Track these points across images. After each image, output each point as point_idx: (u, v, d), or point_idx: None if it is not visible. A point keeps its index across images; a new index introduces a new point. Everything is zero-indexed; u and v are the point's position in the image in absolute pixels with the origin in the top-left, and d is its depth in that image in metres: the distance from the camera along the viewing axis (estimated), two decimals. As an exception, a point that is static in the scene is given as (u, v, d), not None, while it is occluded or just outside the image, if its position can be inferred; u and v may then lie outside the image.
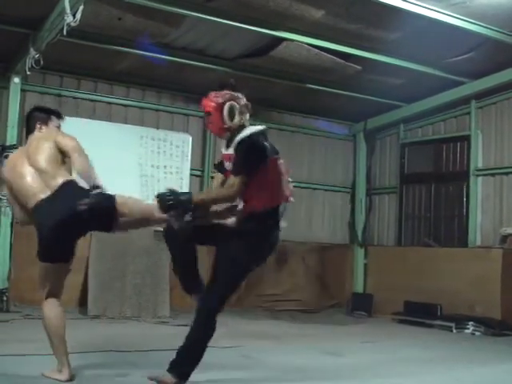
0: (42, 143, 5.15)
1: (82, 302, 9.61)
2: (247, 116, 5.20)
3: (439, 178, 12.02)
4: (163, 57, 9.55)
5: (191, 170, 11.28)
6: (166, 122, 11.30)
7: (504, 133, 10.85)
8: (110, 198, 4.86)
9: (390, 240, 12.62)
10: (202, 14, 8.27)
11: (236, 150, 4.95)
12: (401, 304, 10.44)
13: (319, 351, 6.97)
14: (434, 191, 12.09)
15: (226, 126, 5.04)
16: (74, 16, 6.77)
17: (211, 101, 5.11)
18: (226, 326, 8.93)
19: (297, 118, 12.89)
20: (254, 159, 4.90)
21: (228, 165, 5.05)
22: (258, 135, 5.06)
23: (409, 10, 8.06)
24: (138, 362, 5.64)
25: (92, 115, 10.43)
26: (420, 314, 10.18)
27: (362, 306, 11.47)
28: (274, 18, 8.56)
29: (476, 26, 8.59)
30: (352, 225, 13.13)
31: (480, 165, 11.15)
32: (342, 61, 9.88)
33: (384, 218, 12.82)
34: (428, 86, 10.99)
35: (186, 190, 10.94)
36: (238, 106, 5.15)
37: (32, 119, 5.47)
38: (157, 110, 11.21)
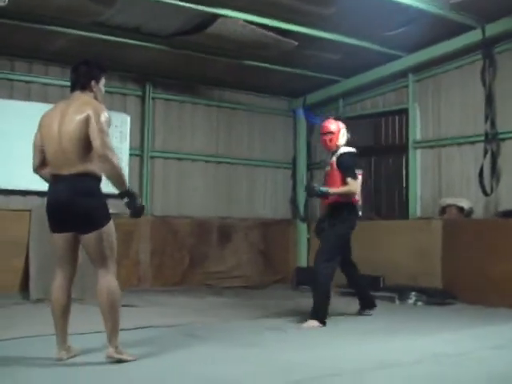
0: (76, 114, 4.96)
1: (24, 287, 9.49)
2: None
3: (379, 151, 12.14)
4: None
5: (130, 150, 11.18)
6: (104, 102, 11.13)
7: (441, 105, 10.97)
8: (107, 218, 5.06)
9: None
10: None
11: (341, 160, 7.67)
12: (344, 276, 10.51)
13: (264, 327, 6.98)
14: (373, 165, 12.21)
15: (337, 144, 7.79)
16: (3, -4, 6.62)
17: (334, 125, 7.87)
18: (169, 305, 8.97)
19: (236, 94, 12.85)
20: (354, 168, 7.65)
21: (329, 167, 7.85)
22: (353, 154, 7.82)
23: (344, -15, 8.08)
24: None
25: (27, 97, 10.24)
26: (363, 286, 10.29)
27: (306, 281, 11.52)
28: (209, -5, 8.50)
29: (412, 0, 8.65)
30: (294, 200, 13.19)
31: (418, 137, 11.28)
32: (279, 36, 9.84)
33: (326, 192, 12.88)
34: (366, 60, 11.06)
35: (125, 170, 10.89)
36: (345, 133, 7.90)
37: (85, 74, 5.23)
38: (94, 90, 11.03)
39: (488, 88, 10.05)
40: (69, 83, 5.39)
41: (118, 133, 10.93)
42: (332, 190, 7.54)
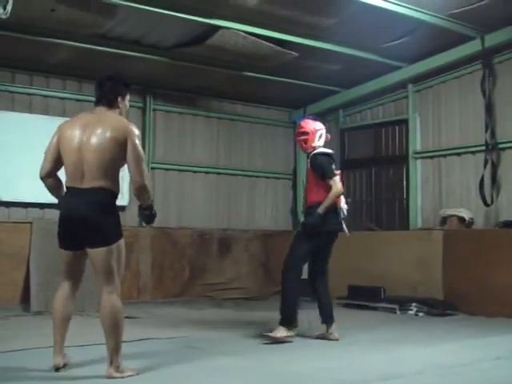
0: (109, 131, 4.95)
1: (25, 299, 9.47)
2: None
3: (379, 162, 12.16)
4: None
5: (131, 161, 11.15)
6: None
7: (441, 115, 10.99)
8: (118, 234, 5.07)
9: (333, 225, 12.65)
10: (135, 3, 8.19)
11: (312, 161, 7.22)
12: (345, 288, 10.49)
13: (265, 338, 6.96)
14: (374, 175, 12.23)
15: (313, 145, 7.28)
16: (4, 8, 6.62)
17: (310, 125, 7.35)
18: (169, 316, 8.96)
19: (236, 106, 12.87)
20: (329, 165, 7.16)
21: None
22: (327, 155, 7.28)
23: (344, -4, 8.10)
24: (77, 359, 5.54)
25: (28, 109, 10.24)
26: (364, 297, 10.25)
27: (306, 292, 11.48)
28: (208, 6, 8.52)
29: (411, 11, 8.70)
30: (294, 211, 13.17)
31: (418, 148, 11.29)
32: (279, 48, 9.87)
33: (326, 203, 12.87)
34: (365, 71, 11.09)
35: (126, 181, 10.87)
36: (324, 134, 7.37)
37: (112, 90, 5.26)
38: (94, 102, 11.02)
39: (488, 98, 10.08)
40: (70, 96, 5.43)
41: (119, 144, 10.94)
42: (321, 208, 7.03)
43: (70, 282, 5.18)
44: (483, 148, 10.09)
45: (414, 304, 9.60)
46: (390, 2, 8.43)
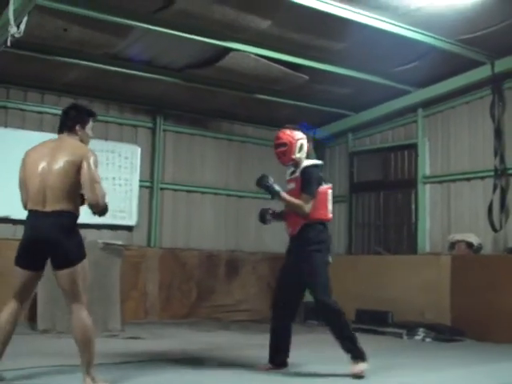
0: (67, 155, 5.12)
1: (31, 317, 9.46)
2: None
3: (388, 186, 12.14)
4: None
5: (140, 181, 11.23)
6: (114, 134, 11.21)
7: (450, 140, 10.99)
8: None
9: (341, 248, 12.66)
10: (149, 24, 8.25)
11: (303, 175, 6.43)
12: (352, 312, 10.45)
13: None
14: (383, 199, 12.21)
15: (293, 157, 6.53)
16: (18, 27, 6.68)
17: (288, 135, 6.61)
18: (177, 337, 8.93)
19: (247, 128, 12.91)
20: (316, 184, 6.38)
21: (292, 185, 6.61)
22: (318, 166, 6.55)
23: (355, 20, 8.13)
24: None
25: (39, 127, 10.30)
26: (371, 321, 10.22)
27: (314, 315, 11.46)
28: (220, 29, 8.57)
29: (421, 36, 8.72)
30: (303, 234, 13.12)
31: (427, 172, 11.29)
32: (290, 71, 9.92)
33: (334, 226, 12.81)
34: (375, 95, 11.11)
35: (135, 201, 10.93)
36: (305, 145, 6.58)
37: (72, 119, 5.43)
38: (105, 122, 11.08)
39: (497, 123, 10.08)
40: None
41: (129, 164, 11.02)
42: (284, 195, 6.43)
43: (18, 302, 5.27)
44: (492, 173, 10.08)
45: (421, 329, 9.56)
46: (401, 27, 8.46)
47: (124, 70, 9.79)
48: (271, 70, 9.83)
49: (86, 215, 5.32)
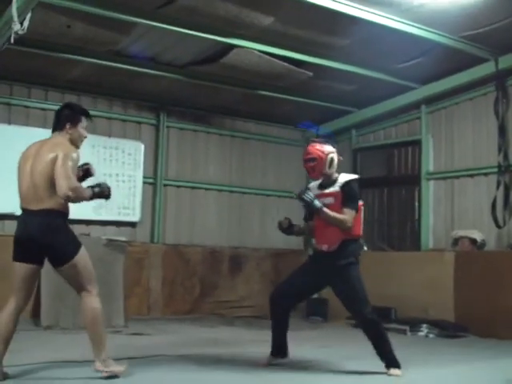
0: (48, 154, 5.19)
1: (35, 313, 9.47)
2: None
3: (391, 182, 12.14)
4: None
5: (144, 178, 11.23)
6: (118, 130, 11.21)
7: (454, 137, 10.98)
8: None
9: (344, 245, 12.62)
10: (152, 21, 8.24)
11: (345, 189, 6.34)
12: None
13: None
14: (386, 196, 12.21)
15: (324, 172, 6.39)
16: (21, 24, 6.69)
17: (318, 150, 6.37)
18: (180, 333, 8.95)
19: (250, 124, 12.91)
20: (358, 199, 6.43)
21: (330, 200, 6.34)
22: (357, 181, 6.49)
23: (359, 17, 8.12)
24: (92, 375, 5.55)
25: (43, 124, 10.30)
26: (375, 317, 10.22)
27: (317, 311, 11.45)
28: (224, 25, 8.56)
29: (425, 32, 8.69)
30: (306, 230, 13.12)
31: (431, 169, 11.28)
32: (294, 67, 9.92)
33: (338, 223, 12.85)
34: (379, 91, 11.11)
35: (138, 198, 10.94)
36: (335, 158, 6.42)
37: (62, 118, 5.49)
38: (109, 118, 11.10)
39: (501, 120, 10.07)
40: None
41: (132, 160, 11.03)
42: (327, 210, 6.19)
43: (18, 299, 5.29)
44: (496, 170, 10.07)
45: (424, 325, 9.57)
46: (404, 23, 8.45)
47: (127, 67, 9.79)
48: (274, 67, 9.82)
49: (91, 212, 5.37)
